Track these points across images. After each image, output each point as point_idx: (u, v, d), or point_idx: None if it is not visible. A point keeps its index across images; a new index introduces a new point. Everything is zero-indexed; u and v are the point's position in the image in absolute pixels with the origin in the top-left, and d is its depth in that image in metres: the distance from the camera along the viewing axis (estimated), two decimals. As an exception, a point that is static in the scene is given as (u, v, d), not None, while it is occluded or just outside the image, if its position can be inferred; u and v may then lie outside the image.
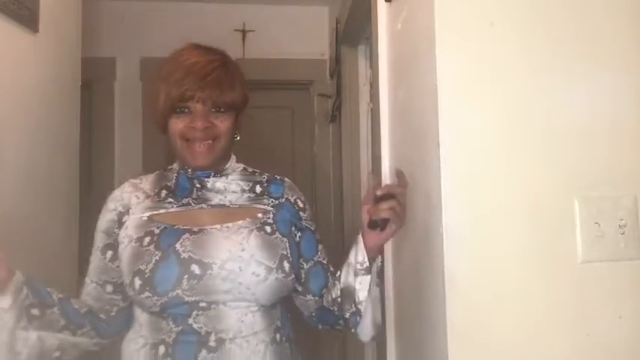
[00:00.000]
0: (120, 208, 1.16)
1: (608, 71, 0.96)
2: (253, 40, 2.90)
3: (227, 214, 1.13)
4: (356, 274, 1.12)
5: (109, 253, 1.16)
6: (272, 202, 1.18)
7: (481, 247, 0.91)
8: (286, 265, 1.10)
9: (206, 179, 1.16)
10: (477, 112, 0.93)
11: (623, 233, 0.93)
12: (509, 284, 0.91)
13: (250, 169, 1.22)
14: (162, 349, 1.05)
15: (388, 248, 1.32)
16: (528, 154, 0.93)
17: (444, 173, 0.92)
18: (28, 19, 1.49)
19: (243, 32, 2.90)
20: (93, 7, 2.49)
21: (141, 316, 1.10)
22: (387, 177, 1.33)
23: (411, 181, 1.12)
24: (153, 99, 1.13)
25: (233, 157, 1.21)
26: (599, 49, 0.96)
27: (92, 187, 2.70)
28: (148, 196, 1.16)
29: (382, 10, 1.34)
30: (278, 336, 1.11)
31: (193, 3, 2.85)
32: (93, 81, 2.70)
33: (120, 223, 1.14)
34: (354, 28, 2.22)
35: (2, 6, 1.35)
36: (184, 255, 1.05)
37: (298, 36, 2.92)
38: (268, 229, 1.13)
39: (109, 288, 1.16)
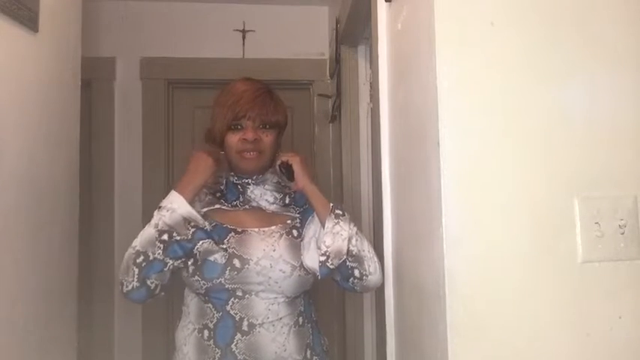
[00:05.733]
0: None
1: (608, 71, 0.96)
2: (253, 40, 2.90)
3: (263, 219, 1.36)
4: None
5: None
6: (298, 209, 1.41)
7: (481, 247, 0.91)
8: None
9: (247, 186, 1.37)
10: (477, 112, 0.93)
11: (623, 233, 0.93)
12: (509, 284, 0.91)
13: (283, 183, 1.43)
14: (206, 333, 1.28)
15: (388, 248, 1.32)
16: (528, 154, 0.93)
17: (444, 173, 0.92)
18: (28, 19, 1.48)
19: (243, 32, 2.90)
20: (93, 7, 2.49)
21: (190, 303, 1.33)
22: (386, 177, 1.33)
23: (411, 181, 1.12)
24: (212, 121, 1.37)
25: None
26: (599, 49, 0.96)
27: (92, 187, 2.70)
28: (206, 195, 1.38)
29: (382, 10, 1.34)
30: (300, 319, 1.33)
31: (193, 3, 2.85)
32: (93, 81, 2.70)
33: None
34: (354, 28, 2.22)
35: (2, 6, 1.35)
36: (229, 250, 1.28)
37: (298, 36, 2.91)
38: (295, 233, 1.36)
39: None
